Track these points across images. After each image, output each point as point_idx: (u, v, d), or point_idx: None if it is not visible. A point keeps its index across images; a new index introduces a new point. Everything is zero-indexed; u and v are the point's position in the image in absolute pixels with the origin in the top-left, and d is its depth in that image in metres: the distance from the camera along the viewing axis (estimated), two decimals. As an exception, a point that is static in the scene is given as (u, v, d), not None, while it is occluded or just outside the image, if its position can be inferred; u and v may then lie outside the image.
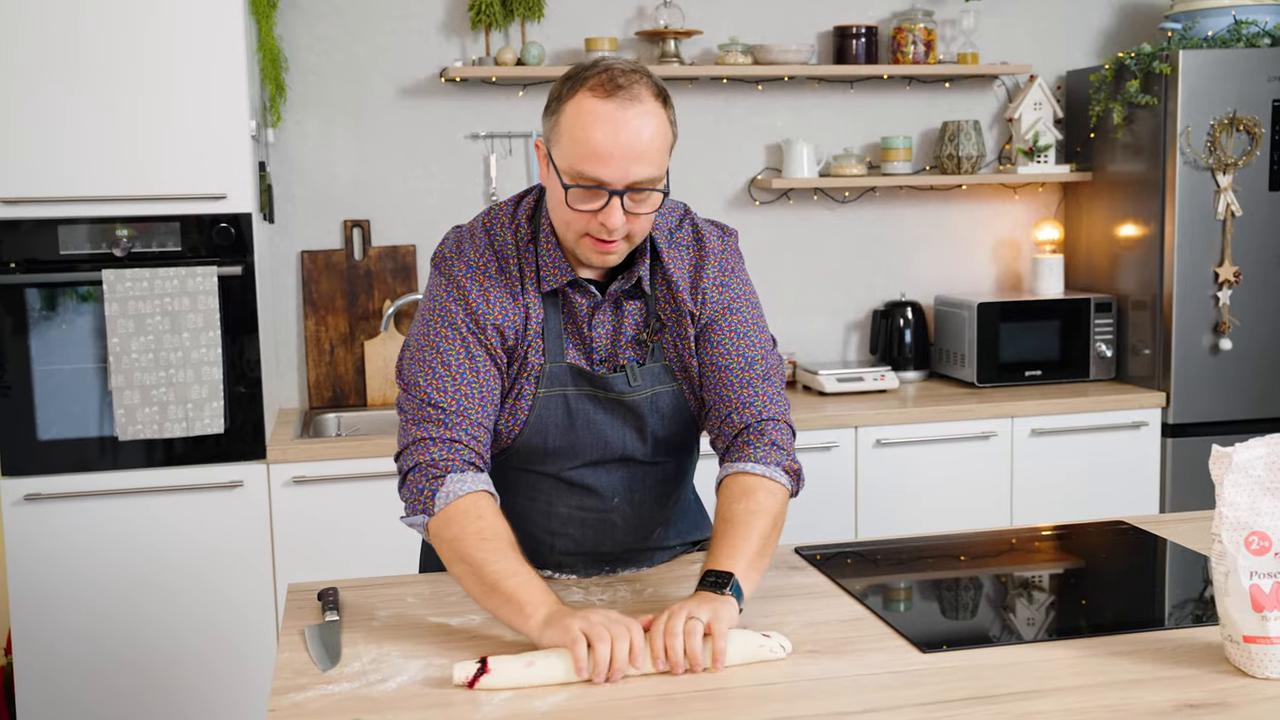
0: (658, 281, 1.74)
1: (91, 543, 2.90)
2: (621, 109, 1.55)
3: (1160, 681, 1.41)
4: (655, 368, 1.74)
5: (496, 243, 1.71)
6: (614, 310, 1.73)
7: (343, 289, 3.51)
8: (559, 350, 1.71)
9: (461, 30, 3.54)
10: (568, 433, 1.73)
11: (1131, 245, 3.62)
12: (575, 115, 1.57)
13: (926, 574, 1.92)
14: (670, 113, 1.62)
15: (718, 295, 1.74)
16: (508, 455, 1.76)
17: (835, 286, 3.85)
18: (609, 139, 1.55)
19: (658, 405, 1.74)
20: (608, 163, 1.55)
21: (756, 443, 1.70)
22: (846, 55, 3.67)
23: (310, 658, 1.52)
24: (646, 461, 1.79)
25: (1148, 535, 2.02)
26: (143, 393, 2.85)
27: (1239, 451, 1.43)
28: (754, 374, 1.74)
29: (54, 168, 2.81)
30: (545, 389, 1.70)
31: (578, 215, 1.60)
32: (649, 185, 1.58)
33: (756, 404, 1.72)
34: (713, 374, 1.74)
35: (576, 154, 1.57)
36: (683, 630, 1.44)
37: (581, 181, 1.57)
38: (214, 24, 2.86)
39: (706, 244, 1.76)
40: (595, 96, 1.56)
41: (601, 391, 1.72)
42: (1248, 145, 3.42)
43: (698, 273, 1.74)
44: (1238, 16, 3.50)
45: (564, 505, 1.79)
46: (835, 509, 3.31)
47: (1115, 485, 3.47)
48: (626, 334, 1.73)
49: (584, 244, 1.63)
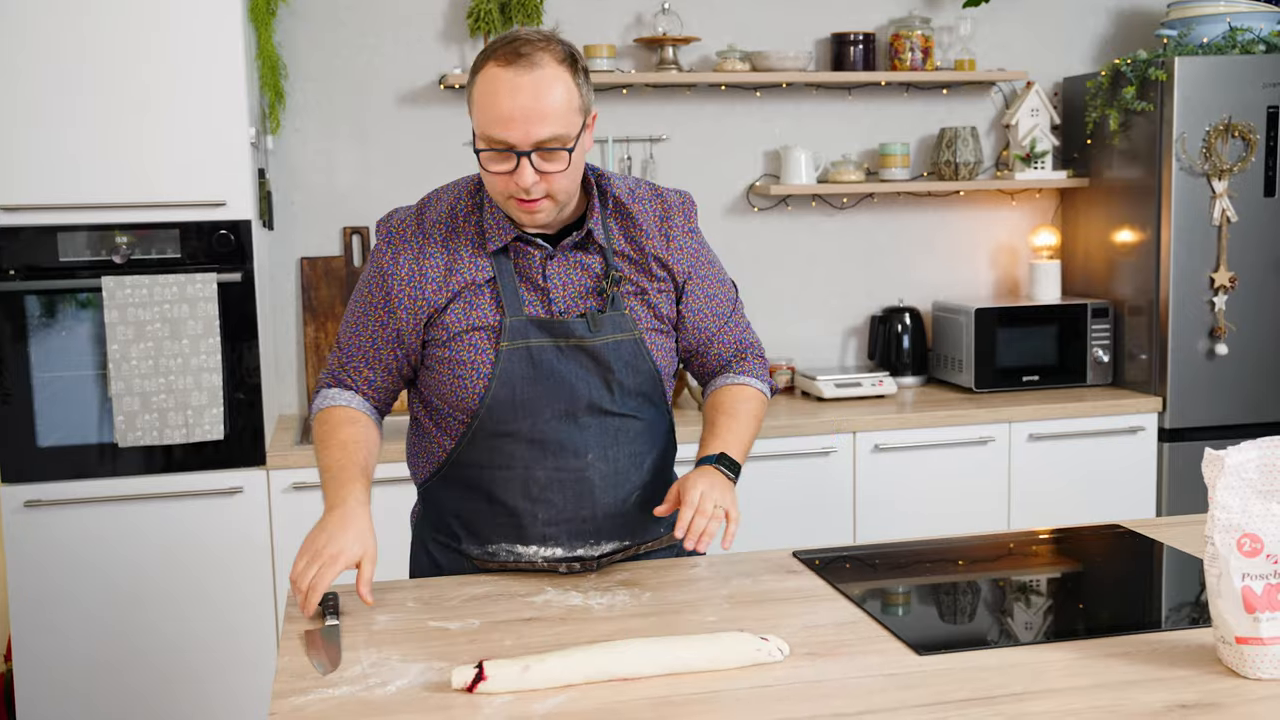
0: (615, 234, 1.86)
1: (91, 549, 2.90)
2: (520, 74, 1.67)
3: (1154, 683, 1.42)
4: (615, 316, 1.83)
5: (426, 219, 1.83)
6: (569, 263, 1.83)
7: (342, 296, 3.52)
8: (517, 305, 1.80)
9: (460, 37, 3.56)
10: (533, 385, 1.80)
11: (1128, 251, 3.63)
12: (481, 84, 1.70)
13: (924, 578, 1.93)
14: (579, 77, 1.73)
15: (690, 243, 1.90)
16: (480, 419, 1.82)
17: (833, 292, 3.87)
18: (509, 103, 1.66)
19: (620, 353, 1.83)
20: (510, 125, 1.66)
21: (739, 364, 2.00)
22: (844, 62, 3.68)
23: (310, 663, 1.53)
24: (615, 412, 1.85)
25: (1144, 539, 2.03)
26: (142, 399, 2.86)
27: (1231, 454, 1.44)
28: (731, 321, 1.97)
29: (53, 175, 2.83)
30: (508, 342, 1.79)
31: (496, 178, 1.71)
32: (555, 144, 1.69)
33: (744, 337, 2.01)
34: (702, 317, 1.93)
35: (484, 119, 1.69)
36: (703, 518, 1.72)
37: (491, 145, 1.69)
38: (213, 31, 2.88)
39: (667, 198, 1.91)
40: (497, 65, 1.68)
41: (563, 339, 1.80)
42: (1243, 151, 3.44)
43: (666, 223, 1.88)
44: (1233, 23, 3.52)
45: (540, 469, 1.83)
46: (833, 514, 3.32)
47: (1112, 489, 3.48)
48: (585, 285, 1.83)
49: (510, 205, 1.75)
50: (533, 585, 1.81)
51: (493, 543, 1.87)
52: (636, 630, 1.61)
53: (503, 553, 1.87)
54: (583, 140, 1.74)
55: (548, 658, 1.45)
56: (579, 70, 1.73)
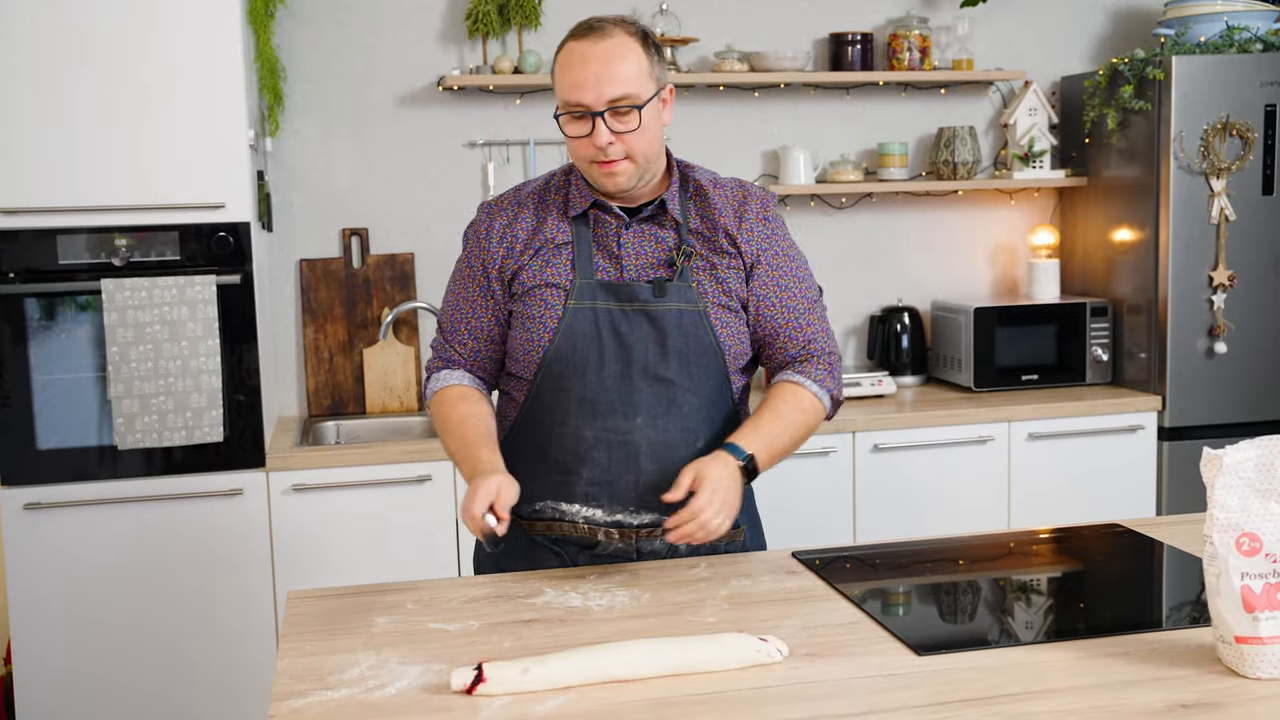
0: (692, 213, 1.94)
1: (91, 552, 2.90)
2: (591, 44, 1.82)
3: (1153, 682, 1.42)
4: (682, 286, 1.90)
5: (523, 192, 1.98)
6: (643, 234, 1.93)
7: (341, 297, 3.52)
8: (589, 269, 1.91)
9: (459, 39, 3.56)
10: (594, 343, 1.89)
11: (1127, 250, 3.64)
12: (561, 58, 1.85)
13: (924, 578, 1.93)
14: (650, 50, 1.85)
15: (763, 228, 1.95)
16: (543, 374, 1.91)
17: (832, 292, 3.86)
18: (581, 67, 1.81)
19: (681, 322, 1.89)
20: (583, 88, 1.81)
21: (811, 365, 1.97)
22: (842, 62, 3.68)
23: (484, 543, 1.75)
24: (670, 380, 1.89)
25: (1144, 538, 2.03)
26: (142, 402, 2.86)
27: (1230, 454, 1.44)
28: (815, 314, 1.98)
29: (53, 177, 2.83)
30: (575, 301, 1.89)
31: (578, 143, 1.84)
32: (626, 104, 1.81)
33: (818, 338, 1.98)
34: (774, 307, 1.95)
35: (562, 87, 1.84)
36: (698, 525, 1.75)
37: (569, 109, 1.83)
38: (212, 34, 2.88)
39: (750, 190, 1.99)
40: (574, 40, 1.85)
41: (628, 303, 1.89)
42: (1241, 150, 3.44)
43: (742, 207, 1.95)
44: (1230, 22, 3.52)
45: (589, 428, 1.89)
46: (833, 513, 3.32)
47: (1112, 488, 3.48)
48: (657, 256, 1.92)
49: (593, 170, 1.86)
50: (532, 587, 1.82)
51: (540, 499, 1.93)
52: (636, 631, 1.61)
53: (549, 510, 1.93)
54: (655, 108, 1.85)
55: (547, 659, 1.45)
56: (650, 45, 1.86)
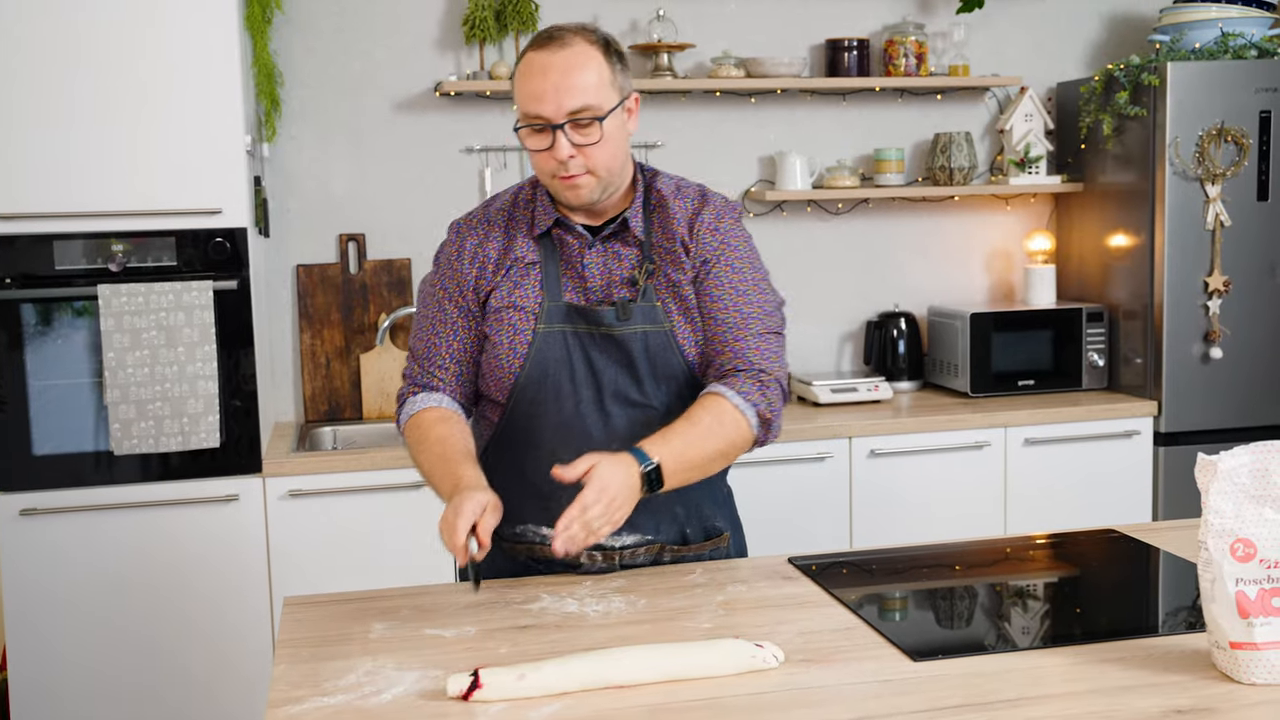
0: (655, 227, 1.90)
1: (87, 557, 2.90)
2: (550, 55, 1.77)
3: (1148, 688, 1.42)
4: (646, 307, 1.86)
5: (492, 208, 1.95)
6: (607, 252, 1.89)
7: (338, 302, 3.52)
8: (557, 290, 1.88)
9: (455, 44, 3.56)
10: (565, 368, 1.86)
11: (1122, 255, 3.64)
12: (520, 68, 1.81)
13: (920, 583, 1.93)
14: (612, 58, 1.81)
15: (710, 237, 1.89)
16: (515, 399, 1.88)
17: (829, 298, 3.87)
18: (540, 78, 1.76)
19: (648, 344, 1.86)
20: (541, 99, 1.76)
21: (740, 379, 1.84)
22: (839, 68, 3.69)
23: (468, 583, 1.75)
24: (644, 404, 1.87)
25: (1140, 544, 2.03)
26: (138, 407, 2.86)
27: (1224, 460, 1.44)
28: (752, 329, 1.86)
29: (50, 183, 2.83)
30: (544, 325, 1.86)
31: (538, 156, 1.80)
32: (587, 115, 1.76)
33: (751, 354, 1.85)
34: (710, 319, 1.87)
35: (521, 98, 1.79)
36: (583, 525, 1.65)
37: (528, 121, 1.78)
38: (209, 40, 2.88)
39: (709, 197, 1.95)
40: (532, 50, 1.80)
41: (594, 327, 1.86)
42: (1236, 156, 3.45)
43: (695, 216, 1.91)
44: (1225, 29, 3.53)
45: (566, 452, 1.82)
46: (829, 519, 3.32)
47: (1108, 494, 3.49)
48: (620, 274, 1.88)
49: (555, 184, 1.82)
50: (528, 593, 1.82)
51: (522, 522, 1.90)
52: (632, 637, 1.61)
53: (529, 533, 1.91)
54: (619, 118, 1.81)
55: (543, 665, 1.45)
56: (612, 52, 1.81)
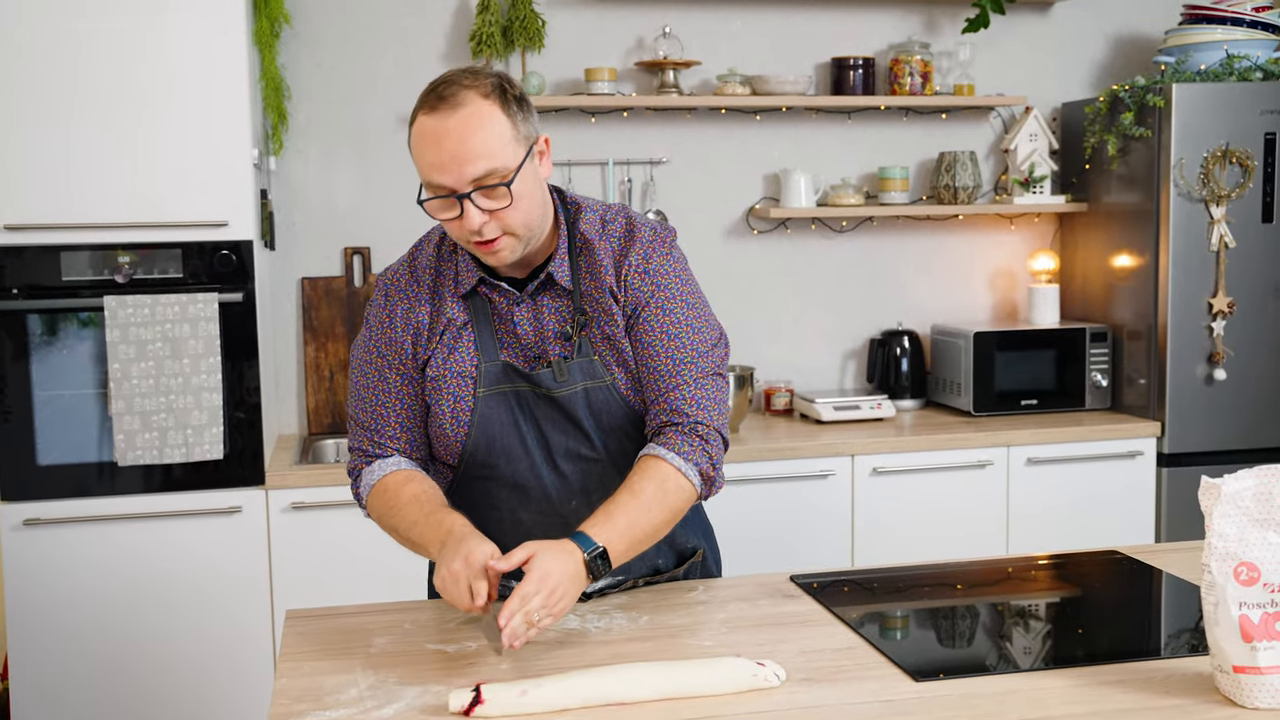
0: (582, 273, 1.78)
1: (90, 568, 2.90)
2: (442, 120, 1.62)
3: (1150, 711, 1.42)
4: (584, 362, 1.77)
5: (418, 264, 1.83)
6: (537, 305, 1.78)
7: (343, 315, 3.53)
8: (493, 350, 1.78)
9: (462, 60, 3.58)
10: (513, 430, 1.78)
11: (1126, 276, 3.65)
12: (414, 136, 1.67)
13: (922, 602, 1.93)
14: (511, 106, 1.65)
15: (640, 281, 1.77)
16: (466, 464, 1.81)
17: (832, 315, 3.88)
18: (435, 148, 1.63)
19: (590, 401, 1.77)
20: (442, 170, 1.63)
21: (677, 434, 1.74)
22: (844, 86, 3.70)
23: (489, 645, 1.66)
24: (596, 459, 1.81)
25: (1142, 565, 2.03)
26: (143, 418, 2.86)
27: (1228, 483, 1.44)
28: (686, 375, 1.76)
29: (57, 194, 2.84)
30: (485, 388, 1.77)
31: (451, 225, 1.68)
32: (494, 179, 1.63)
33: (686, 405, 1.75)
34: (643, 368, 1.77)
35: (420, 168, 1.66)
36: (524, 618, 1.53)
37: (434, 193, 1.66)
38: (217, 53, 2.89)
39: (637, 233, 1.80)
40: (423, 114, 1.65)
41: (535, 387, 1.77)
42: (1240, 178, 3.45)
43: (621, 259, 1.78)
44: (1230, 51, 3.54)
45: (525, 513, 1.81)
46: (832, 537, 3.31)
47: (1111, 514, 3.48)
48: (553, 328, 1.78)
49: (473, 249, 1.71)
50: (530, 608, 1.81)
51: None
52: (633, 654, 1.61)
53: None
54: (530, 170, 1.67)
55: (545, 681, 1.46)
56: (510, 100, 1.66)
